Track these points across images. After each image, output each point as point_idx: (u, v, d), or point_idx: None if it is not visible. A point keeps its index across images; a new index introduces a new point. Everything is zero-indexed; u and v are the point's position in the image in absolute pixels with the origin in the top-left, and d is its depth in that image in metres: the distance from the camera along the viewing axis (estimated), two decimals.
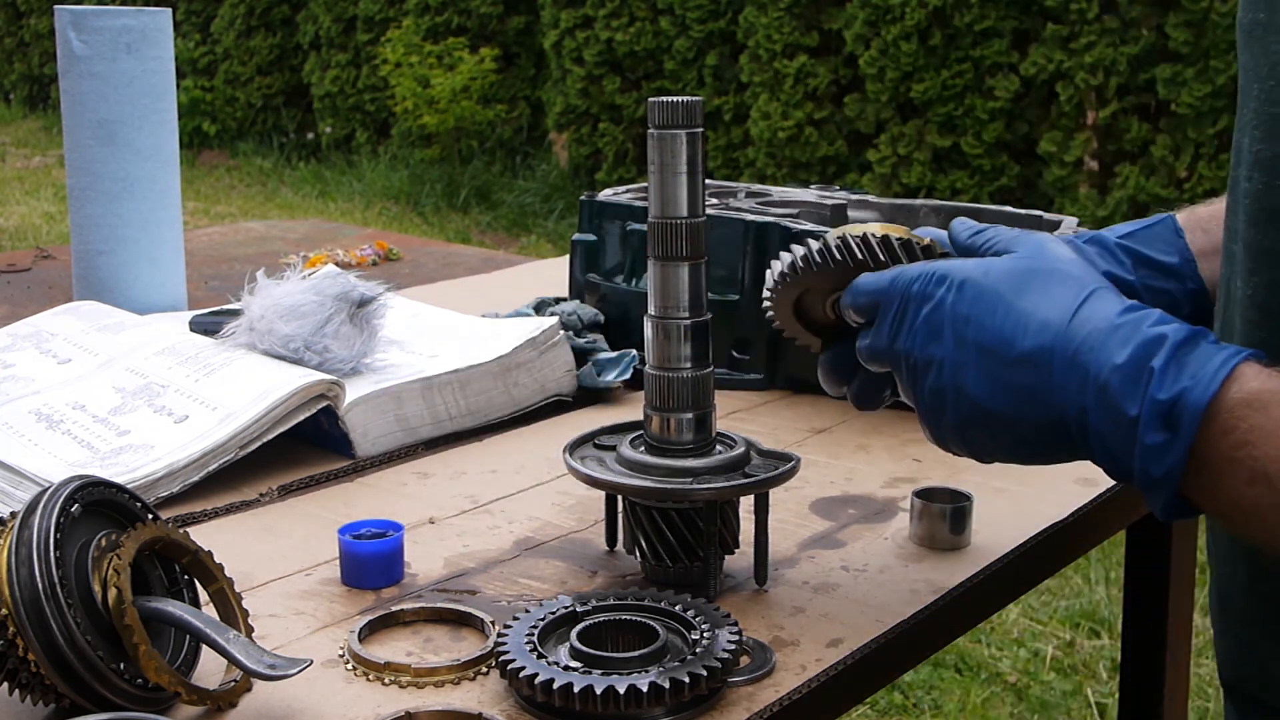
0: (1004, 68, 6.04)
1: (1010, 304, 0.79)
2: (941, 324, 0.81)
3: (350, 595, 0.95)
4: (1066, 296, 0.79)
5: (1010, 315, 0.79)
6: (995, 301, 0.80)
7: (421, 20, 8.26)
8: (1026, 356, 0.78)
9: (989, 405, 0.80)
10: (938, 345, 0.82)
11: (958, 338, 0.81)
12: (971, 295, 0.81)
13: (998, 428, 0.80)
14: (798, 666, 0.85)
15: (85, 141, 1.59)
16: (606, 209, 1.53)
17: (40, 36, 11.42)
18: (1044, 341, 0.77)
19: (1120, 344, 0.75)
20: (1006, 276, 0.81)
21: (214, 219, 7.43)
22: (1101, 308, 0.77)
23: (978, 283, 0.81)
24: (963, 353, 0.80)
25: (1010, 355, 0.78)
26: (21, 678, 0.74)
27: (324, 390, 1.18)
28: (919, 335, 0.83)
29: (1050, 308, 0.78)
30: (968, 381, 0.80)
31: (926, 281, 0.83)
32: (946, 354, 0.81)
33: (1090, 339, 0.76)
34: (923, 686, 2.78)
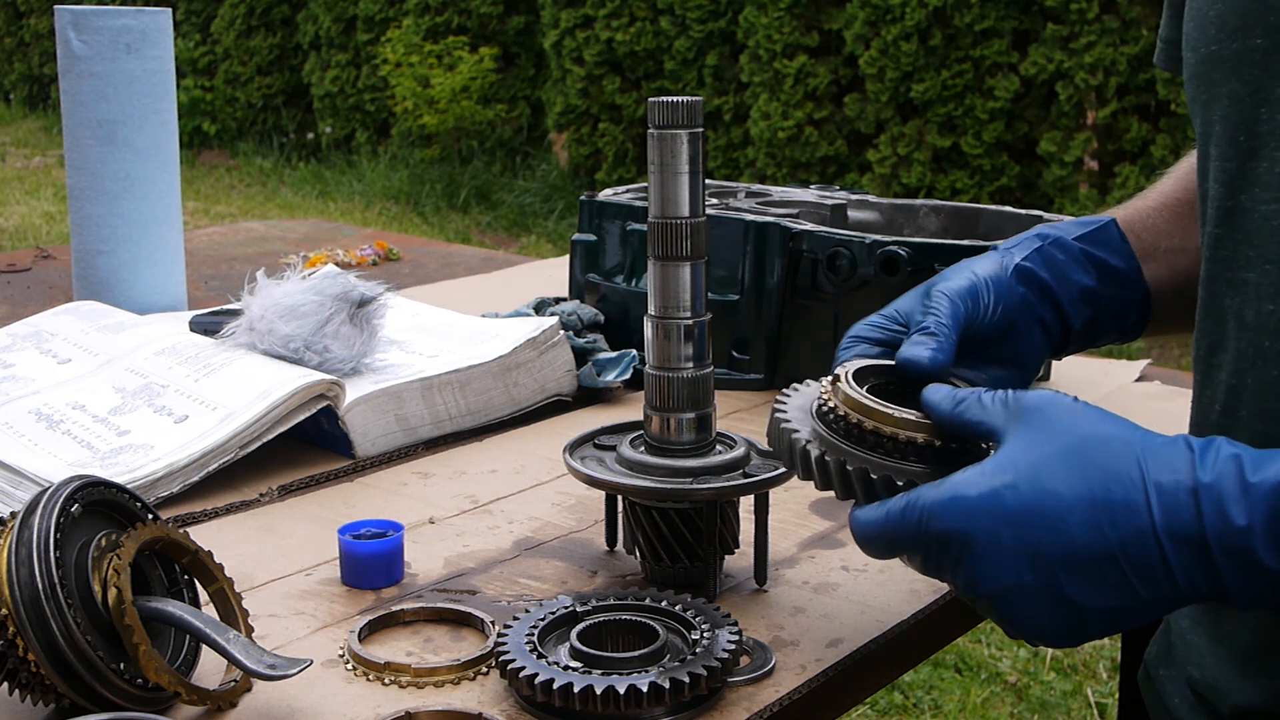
0: (1004, 68, 6.04)
1: (1074, 505, 0.71)
2: (1005, 560, 0.72)
3: (350, 595, 0.95)
4: (1126, 470, 0.71)
5: (1084, 518, 0.70)
6: (1058, 514, 0.71)
7: (421, 20, 8.26)
8: (1128, 552, 0.70)
9: (1100, 604, 0.71)
10: (1007, 575, 0.72)
11: (1035, 562, 0.71)
12: (1030, 517, 0.71)
13: (1111, 619, 0.72)
14: (798, 666, 0.85)
15: (85, 141, 1.59)
16: (606, 209, 1.53)
17: (40, 36, 11.42)
18: (1136, 527, 0.70)
19: (1235, 503, 0.68)
20: (1047, 475, 0.72)
21: (214, 219, 7.43)
22: (1166, 469, 0.70)
23: (1023, 500, 0.72)
24: (1049, 573, 0.71)
25: (1108, 557, 0.70)
26: (21, 678, 0.74)
27: (324, 390, 1.18)
28: (979, 574, 0.73)
29: (1119, 488, 0.70)
30: (1070, 593, 0.71)
31: (955, 518, 0.73)
32: (1027, 579, 0.72)
33: (1185, 509, 0.69)
34: (923, 686, 2.78)
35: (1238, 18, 0.83)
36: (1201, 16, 0.86)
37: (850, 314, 1.33)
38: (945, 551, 0.74)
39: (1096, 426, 0.73)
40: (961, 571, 0.74)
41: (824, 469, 0.81)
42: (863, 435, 0.81)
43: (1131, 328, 1.03)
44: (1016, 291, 0.95)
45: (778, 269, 1.37)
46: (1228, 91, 0.84)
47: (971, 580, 0.74)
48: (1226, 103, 0.84)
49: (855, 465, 0.80)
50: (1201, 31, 0.86)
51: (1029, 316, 0.96)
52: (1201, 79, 0.87)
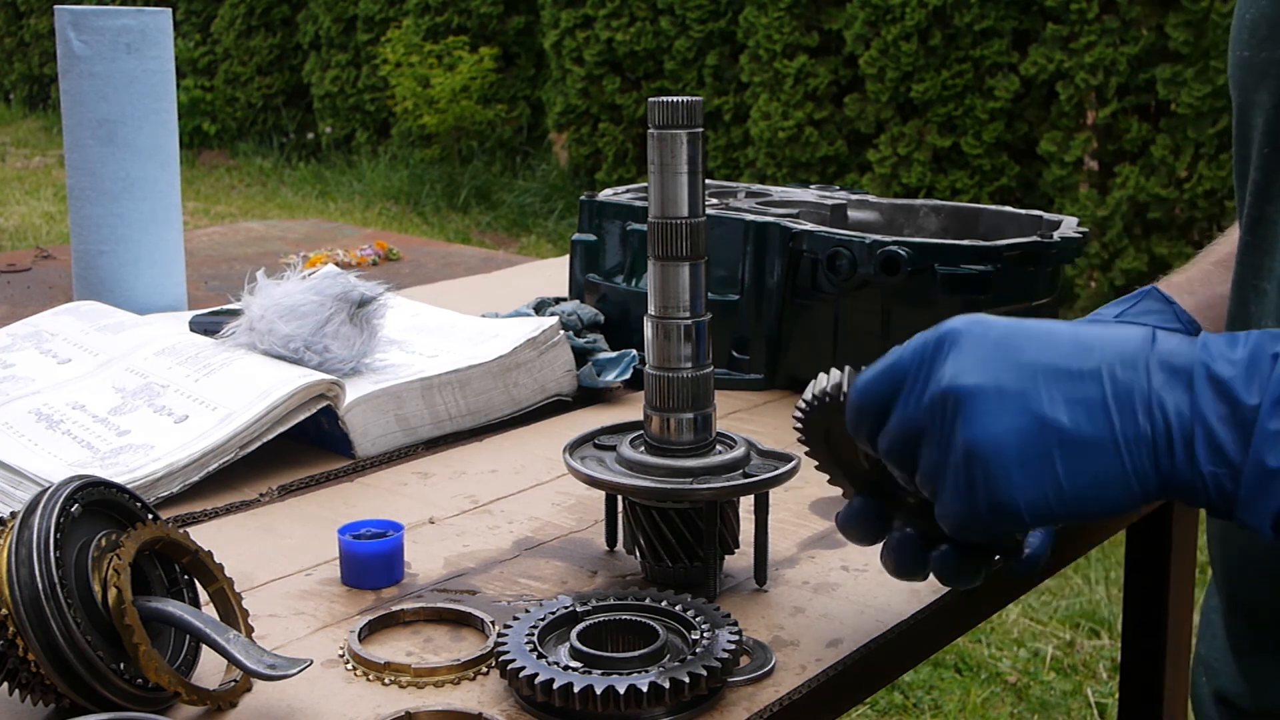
0: (1004, 68, 6.03)
1: (1065, 329, 0.71)
2: (992, 352, 0.71)
3: (350, 595, 0.95)
4: (1130, 330, 0.71)
5: (1073, 335, 0.70)
6: (1049, 328, 0.71)
7: (421, 20, 8.26)
8: (1110, 365, 0.69)
9: (1068, 426, 0.69)
10: (988, 373, 0.70)
11: (1017, 364, 0.70)
12: (1022, 326, 0.71)
13: (1074, 453, 0.69)
14: (798, 666, 0.85)
15: (85, 141, 1.59)
16: (606, 209, 1.53)
17: (40, 36, 11.42)
18: (1129, 348, 0.69)
19: (1229, 340, 0.68)
20: (1052, 324, 0.72)
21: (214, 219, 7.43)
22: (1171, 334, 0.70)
23: (1024, 324, 0.72)
24: (1025, 377, 0.70)
25: (1088, 366, 0.69)
26: (21, 678, 0.74)
27: (324, 390, 1.18)
28: (964, 368, 0.71)
29: (1118, 328, 0.70)
30: (1041, 407, 0.69)
31: (954, 327, 0.73)
32: (1005, 381, 0.70)
33: (1185, 342, 0.69)
34: (923, 686, 2.78)
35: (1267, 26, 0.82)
36: (1240, 20, 0.86)
37: (850, 314, 1.34)
38: (931, 353, 0.73)
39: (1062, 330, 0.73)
40: (939, 372, 0.72)
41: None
42: None
43: None
44: None
45: (778, 269, 1.37)
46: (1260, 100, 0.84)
47: (951, 377, 0.71)
48: (1260, 111, 0.84)
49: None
50: (1238, 35, 0.86)
51: None
52: (1238, 83, 0.87)
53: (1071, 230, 1.38)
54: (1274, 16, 0.81)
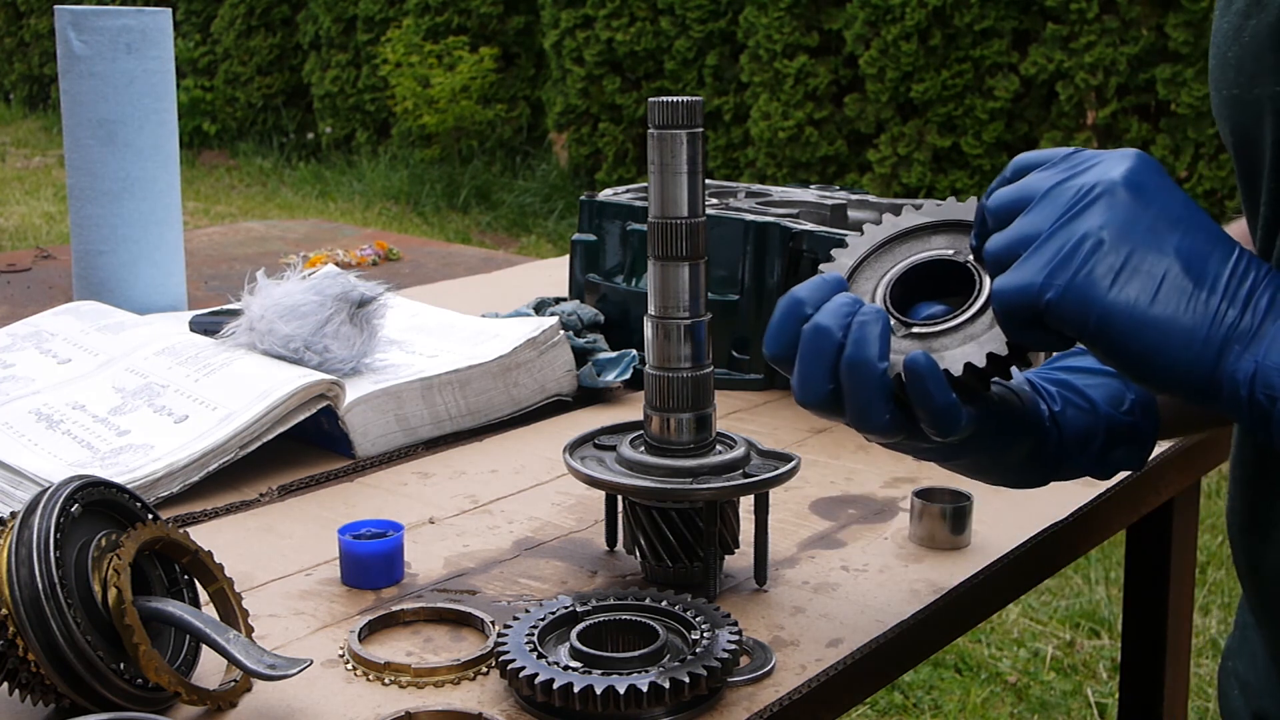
0: (1004, 68, 6.04)
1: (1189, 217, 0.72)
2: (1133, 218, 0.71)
3: (350, 595, 0.95)
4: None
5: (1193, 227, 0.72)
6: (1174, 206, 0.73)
7: (421, 20, 8.26)
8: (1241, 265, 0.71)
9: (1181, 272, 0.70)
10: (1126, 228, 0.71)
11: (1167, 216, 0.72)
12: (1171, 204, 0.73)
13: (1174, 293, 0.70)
14: (798, 666, 0.85)
15: (85, 141, 1.59)
16: (606, 209, 1.53)
17: (40, 36, 11.42)
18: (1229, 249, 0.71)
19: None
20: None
21: (214, 219, 7.43)
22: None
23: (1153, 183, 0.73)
24: (1167, 226, 0.72)
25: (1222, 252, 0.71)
26: (21, 678, 0.74)
27: (324, 390, 1.18)
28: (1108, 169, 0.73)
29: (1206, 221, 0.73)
30: (1173, 244, 0.71)
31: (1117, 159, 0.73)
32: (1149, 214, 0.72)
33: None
34: (923, 686, 2.78)
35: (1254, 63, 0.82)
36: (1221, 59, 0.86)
37: None
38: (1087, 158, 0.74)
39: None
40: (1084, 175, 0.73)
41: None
42: None
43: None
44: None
45: (778, 269, 1.37)
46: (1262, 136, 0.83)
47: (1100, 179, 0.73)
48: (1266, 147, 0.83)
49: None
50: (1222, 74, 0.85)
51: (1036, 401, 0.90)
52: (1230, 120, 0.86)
53: None
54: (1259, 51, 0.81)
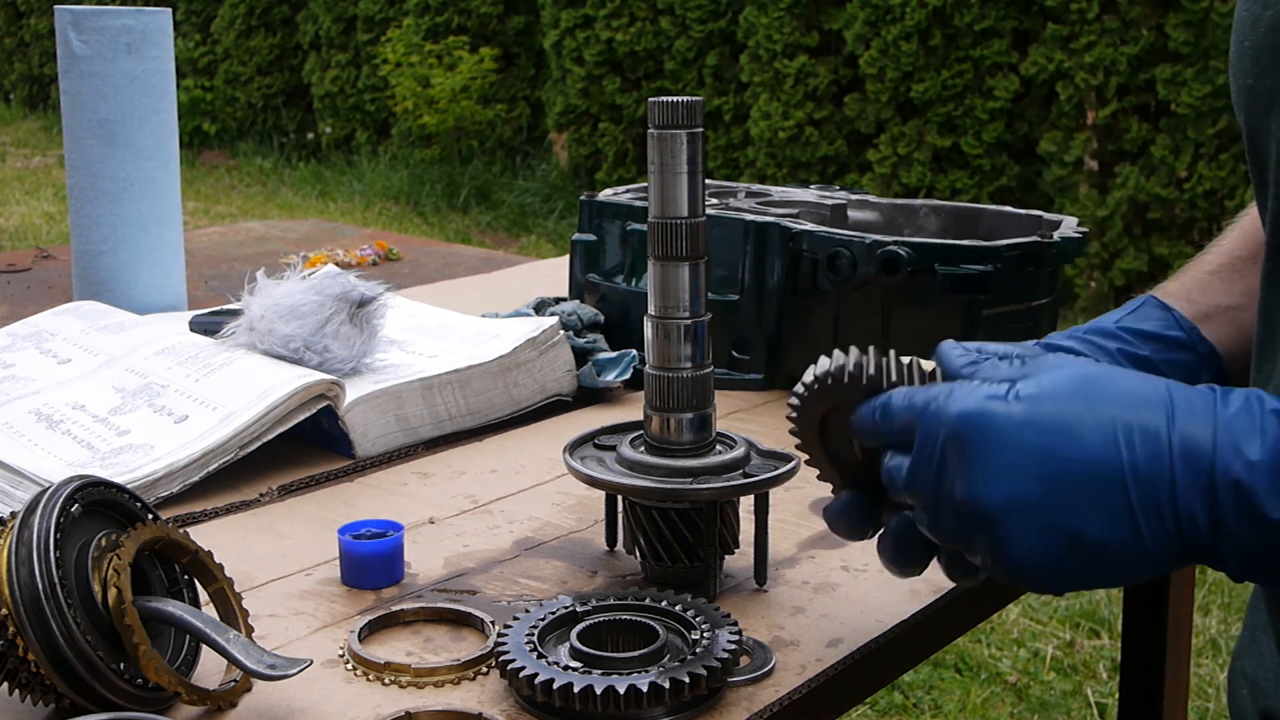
0: (1004, 68, 6.03)
1: (1093, 421, 0.70)
2: (1015, 464, 0.71)
3: (350, 595, 0.95)
4: (1148, 394, 0.71)
5: (1101, 432, 0.70)
6: (1077, 425, 0.70)
7: (421, 20, 8.26)
8: (1138, 473, 0.69)
9: (1097, 537, 0.70)
10: (1012, 485, 0.71)
11: (1042, 475, 0.70)
12: (1048, 423, 0.70)
13: (1104, 559, 0.71)
14: (798, 666, 0.85)
15: (85, 141, 1.59)
16: (606, 209, 1.53)
17: (40, 36, 11.42)
18: (1154, 449, 0.69)
19: (1246, 435, 0.68)
20: (1071, 392, 0.71)
21: (214, 219, 7.43)
22: (1195, 397, 0.70)
23: (1042, 410, 0.71)
24: (1050, 491, 0.70)
25: (1117, 477, 0.70)
26: (21, 678, 0.74)
27: (324, 390, 1.18)
28: (983, 481, 0.71)
29: (1142, 411, 0.70)
30: (1069, 520, 0.70)
31: (978, 418, 0.72)
32: (1030, 495, 0.71)
33: (1205, 424, 0.69)
34: (923, 686, 2.78)
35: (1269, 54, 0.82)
36: (1239, 48, 0.86)
37: (850, 314, 1.34)
38: (953, 449, 0.72)
39: (1112, 365, 0.75)
40: (963, 480, 0.72)
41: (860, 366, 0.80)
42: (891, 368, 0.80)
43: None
44: None
45: (778, 269, 1.37)
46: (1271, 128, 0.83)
47: (971, 489, 0.72)
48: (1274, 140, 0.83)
49: (898, 358, 0.80)
50: (1239, 63, 0.85)
51: None
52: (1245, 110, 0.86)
53: (1071, 230, 1.38)
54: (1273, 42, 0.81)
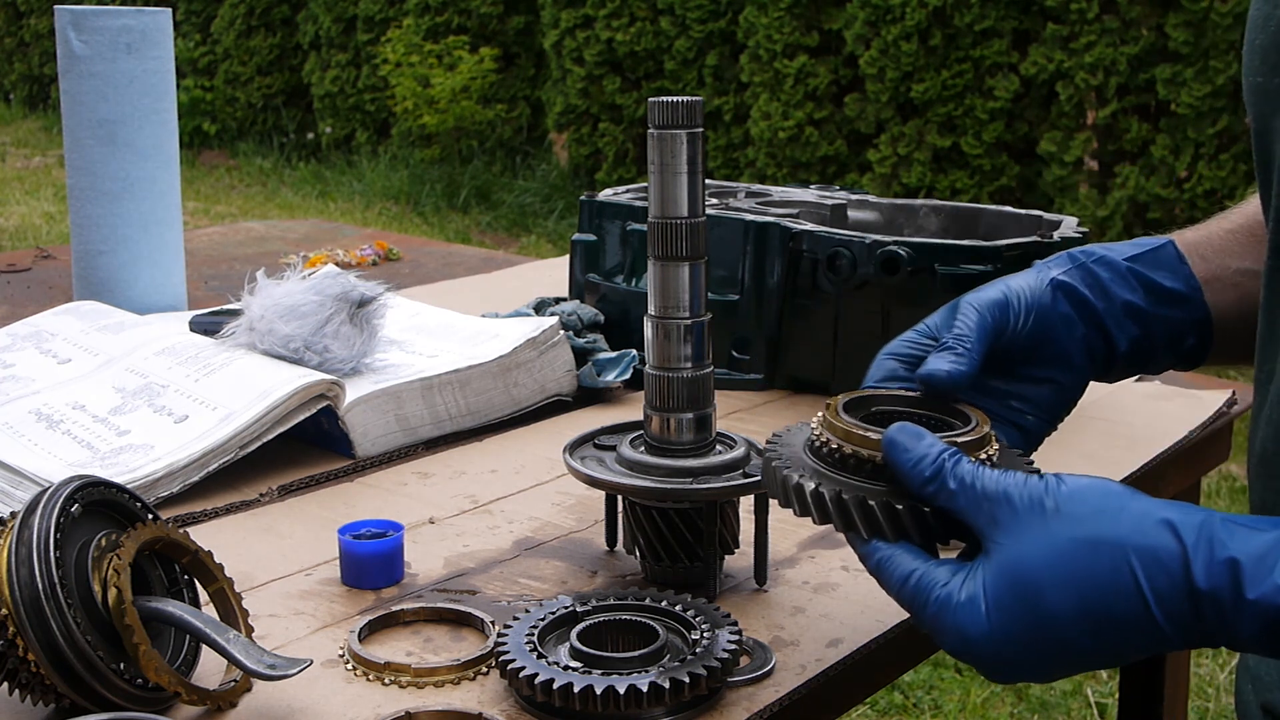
0: (1004, 68, 6.03)
1: (1075, 622, 0.70)
2: (1014, 670, 0.73)
3: (350, 595, 0.95)
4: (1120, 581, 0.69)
5: (1089, 630, 0.70)
6: (1059, 630, 0.70)
7: (421, 20, 8.26)
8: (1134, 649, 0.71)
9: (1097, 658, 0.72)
10: (1019, 676, 0.73)
11: (1045, 666, 0.72)
12: (1030, 643, 0.71)
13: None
14: (798, 666, 0.85)
15: (85, 141, 1.59)
16: (606, 209, 1.53)
17: (40, 36, 11.42)
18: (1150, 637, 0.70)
19: (1236, 616, 0.67)
20: (1041, 597, 0.70)
21: (214, 219, 7.43)
22: (1162, 573, 0.68)
23: (1023, 629, 0.71)
24: (1054, 670, 0.73)
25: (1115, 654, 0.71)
26: (21, 678, 0.74)
27: (324, 390, 1.18)
28: (991, 675, 0.74)
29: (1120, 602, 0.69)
30: (1077, 670, 0.73)
31: (960, 650, 0.73)
32: (1040, 671, 0.73)
33: (1192, 622, 0.68)
34: (923, 686, 2.78)
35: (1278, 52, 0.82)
36: (1250, 45, 0.86)
37: (850, 314, 1.34)
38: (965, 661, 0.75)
39: (1074, 529, 0.71)
40: (981, 672, 0.75)
41: (820, 502, 0.78)
42: (859, 463, 0.78)
43: (1191, 352, 0.98)
44: (1053, 307, 0.92)
45: (778, 269, 1.37)
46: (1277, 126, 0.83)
47: (992, 678, 0.75)
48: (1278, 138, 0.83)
49: (851, 495, 0.77)
50: (1249, 60, 0.85)
51: (1068, 334, 0.92)
52: (1254, 108, 0.86)
53: (1071, 230, 1.38)
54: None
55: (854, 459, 0.78)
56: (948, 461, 0.75)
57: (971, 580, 0.72)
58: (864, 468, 0.78)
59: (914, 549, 0.76)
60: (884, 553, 0.76)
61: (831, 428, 0.79)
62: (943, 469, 0.75)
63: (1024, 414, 0.92)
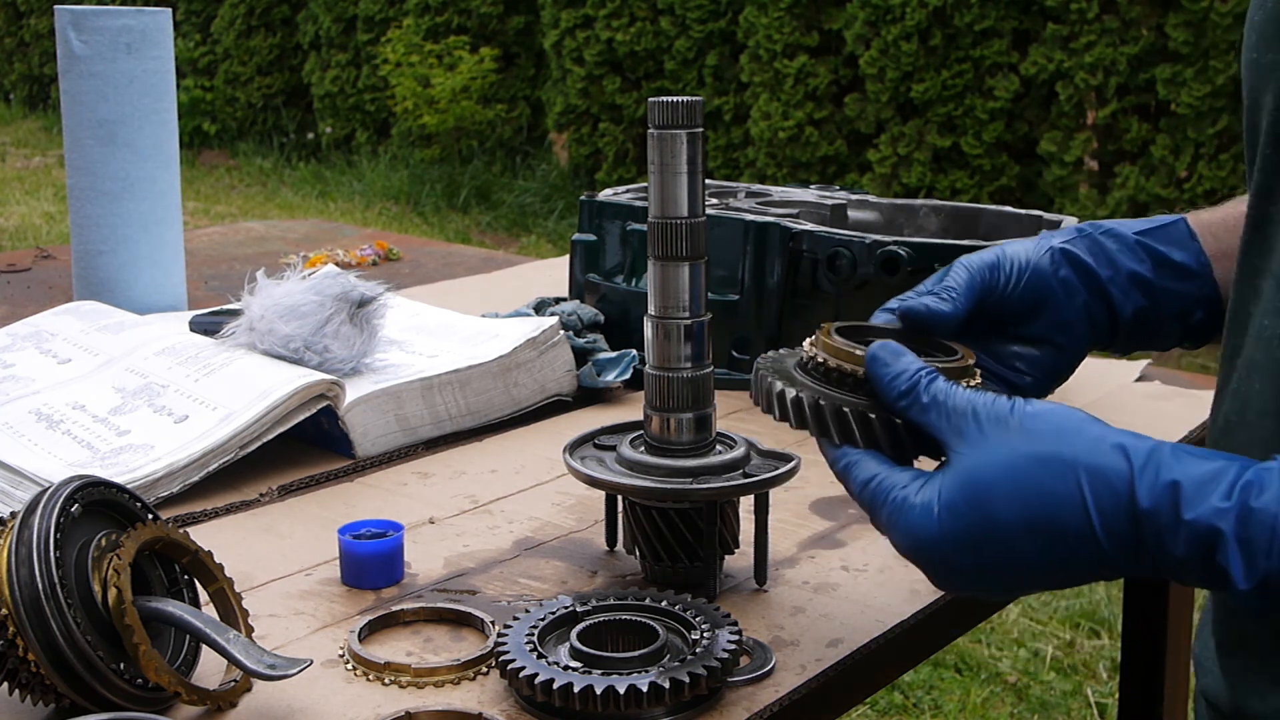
0: (1004, 68, 6.04)
1: (1021, 532, 0.72)
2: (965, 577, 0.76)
3: (350, 595, 0.95)
4: (1067, 493, 0.72)
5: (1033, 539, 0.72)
6: (1006, 537, 0.73)
7: (422, 20, 8.26)
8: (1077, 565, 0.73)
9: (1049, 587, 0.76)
10: (970, 585, 0.77)
11: (992, 575, 0.75)
12: (979, 545, 0.73)
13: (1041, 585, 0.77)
14: (798, 666, 0.85)
15: (85, 141, 1.59)
16: (606, 209, 1.53)
17: (40, 36, 11.42)
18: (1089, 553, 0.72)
19: (1171, 536, 0.69)
20: (992, 503, 0.73)
21: (214, 219, 7.43)
22: (1107, 492, 0.71)
23: (972, 532, 0.74)
24: (1002, 582, 0.76)
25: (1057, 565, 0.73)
26: (21, 678, 0.74)
27: (324, 390, 1.18)
28: (944, 584, 0.78)
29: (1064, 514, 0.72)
30: (1027, 587, 0.76)
31: (913, 550, 0.76)
32: (988, 583, 0.76)
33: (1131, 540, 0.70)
34: (923, 686, 2.78)
35: (1274, 27, 0.82)
36: (1250, 23, 0.86)
37: (850, 314, 1.34)
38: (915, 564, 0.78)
39: (1031, 445, 0.73)
40: (930, 577, 0.77)
41: (798, 408, 0.81)
42: (841, 377, 0.82)
43: (1199, 327, 0.98)
44: (1052, 270, 0.94)
45: (778, 269, 1.37)
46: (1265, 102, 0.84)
47: (940, 585, 0.78)
48: (1265, 113, 0.84)
49: (828, 402, 0.80)
50: (1247, 37, 0.86)
51: (1068, 298, 0.94)
52: (1247, 84, 0.87)
53: None
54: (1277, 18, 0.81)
55: (837, 373, 0.82)
56: (923, 378, 0.78)
57: (929, 486, 0.76)
58: (846, 381, 0.81)
59: (882, 457, 0.79)
60: (852, 457, 0.80)
61: (821, 345, 0.84)
62: (918, 384, 0.78)
63: (1022, 374, 0.95)
